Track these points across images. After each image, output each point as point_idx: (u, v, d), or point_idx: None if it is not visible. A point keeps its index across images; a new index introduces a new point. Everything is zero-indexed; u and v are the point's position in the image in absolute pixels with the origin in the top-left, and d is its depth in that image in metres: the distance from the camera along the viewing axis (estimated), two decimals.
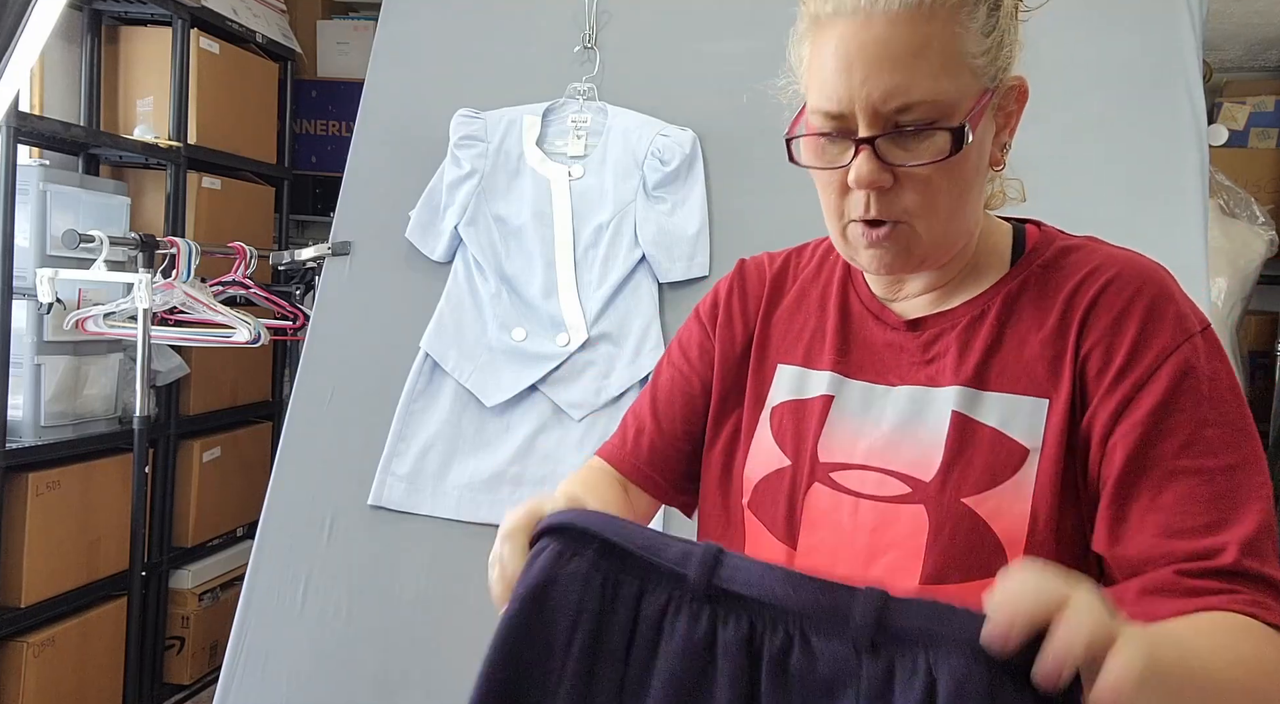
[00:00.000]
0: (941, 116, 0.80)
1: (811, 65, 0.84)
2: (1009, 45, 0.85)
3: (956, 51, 0.80)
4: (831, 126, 0.82)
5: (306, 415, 1.87)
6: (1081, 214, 1.73)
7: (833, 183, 0.85)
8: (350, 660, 1.74)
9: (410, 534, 1.79)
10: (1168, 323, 0.81)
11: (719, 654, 0.63)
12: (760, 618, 0.62)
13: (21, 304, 2.34)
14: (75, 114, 2.75)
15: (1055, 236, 0.92)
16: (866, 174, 0.81)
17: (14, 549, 2.34)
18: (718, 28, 1.92)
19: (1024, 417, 0.83)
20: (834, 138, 0.83)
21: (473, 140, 1.90)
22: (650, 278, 1.84)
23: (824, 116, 0.83)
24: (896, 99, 0.79)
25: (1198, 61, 1.75)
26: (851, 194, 0.83)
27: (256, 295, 2.63)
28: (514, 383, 1.82)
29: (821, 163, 0.85)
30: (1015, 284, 0.88)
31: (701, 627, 0.63)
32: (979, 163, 0.85)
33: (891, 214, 0.83)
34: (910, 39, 0.78)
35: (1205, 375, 0.80)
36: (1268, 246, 3.11)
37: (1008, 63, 0.85)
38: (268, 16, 3.29)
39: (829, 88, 0.81)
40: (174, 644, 2.91)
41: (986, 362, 0.86)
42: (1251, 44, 3.43)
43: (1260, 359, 3.49)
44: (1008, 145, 0.89)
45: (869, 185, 0.81)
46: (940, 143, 0.80)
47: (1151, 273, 0.85)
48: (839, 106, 0.81)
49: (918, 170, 0.81)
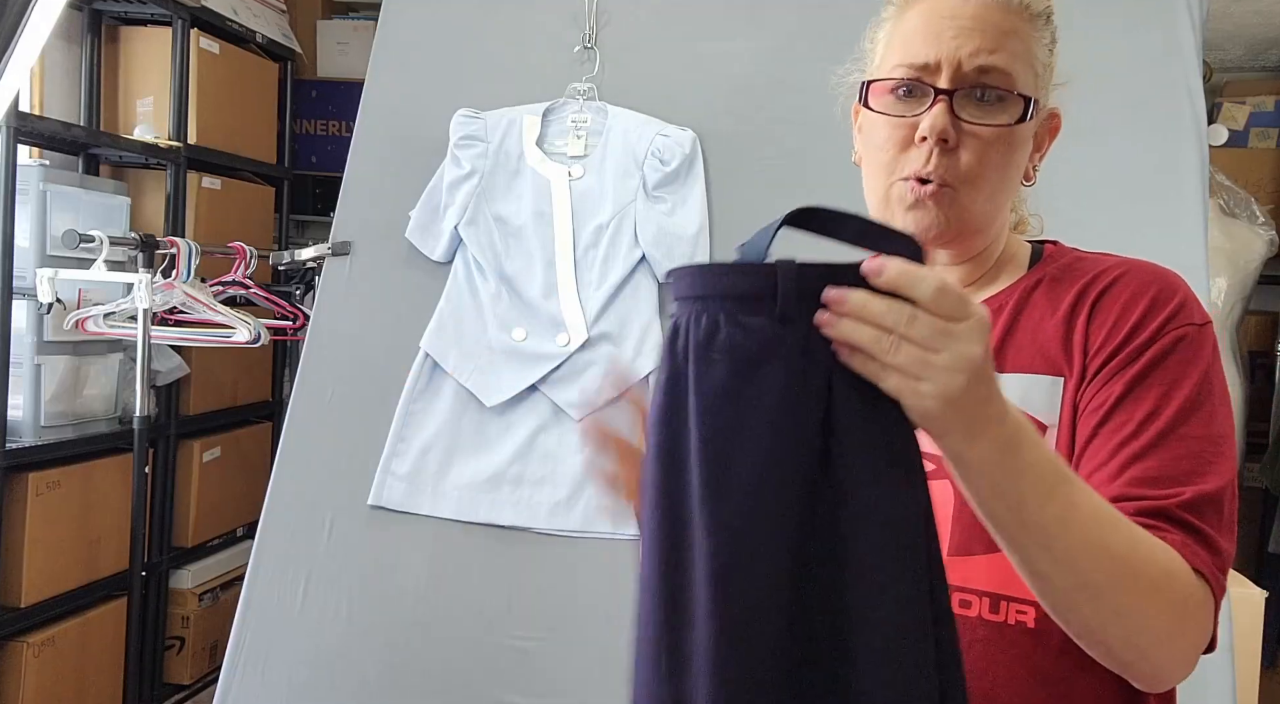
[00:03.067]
0: (1014, 90, 0.86)
1: (894, 37, 0.90)
2: (1052, 73, 0.93)
3: (1030, 50, 0.88)
4: (914, 76, 0.87)
5: (306, 415, 1.87)
6: (1082, 214, 1.74)
7: (894, 137, 0.88)
8: (350, 660, 1.74)
9: (410, 534, 1.79)
10: (1172, 308, 0.85)
11: (676, 354, 0.68)
12: (692, 312, 0.68)
13: (21, 304, 2.34)
14: (75, 114, 2.75)
15: (1071, 250, 0.97)
16: (941, 123, 0.85)
17: (14, 549, 2.34)
18: (718, 28, 1.92)
19: (1041, 394, 0.87)
20: (912, 90, 0.88)
21: (473, 140, 1.90)
22: (650, 278, 1.84)
23: (908, 68, 0.88)
24: (982, 57, 0.85)
25: (1198, 62, 1.75)
26: (911, 150, 0.87)
27: (256, 295, 2.63)
28: (514, 383, 1.82)
29: (895, 111, 0.89)
30: (1031, 281, 0.93)
31: (678, 338, 0.69)
32: (1022, 157, 0.90)
33: (947, 175, 0.86)
34: (1001, 22, 0.86)
35: (1204, 358, 0.84)
36: (1268, 246, 3.11)
37: (1049, 89, 0.92)
38: (268, 16, 3.29)
39: (917, 44, 0.87)
40: (174, 644, 2.91)
41: (1004, 346, 0.90)
42: (1251, 44, 3.43)
43: (1260, 359, 3.49)
44: (1038, 167, 0.95)
45: (940, 135, 0.85)
46: (1011, 110, 0.86)
47: (1165, 272, 0.89)
48: (926, 58, 0.86)
49: (981, 132, 0.86)
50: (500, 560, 1.76)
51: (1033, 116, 0.87)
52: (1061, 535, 0.70)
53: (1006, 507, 0.70)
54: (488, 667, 1.71)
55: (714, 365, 0.66)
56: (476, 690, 1.70)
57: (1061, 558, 0.71)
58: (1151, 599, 0.74)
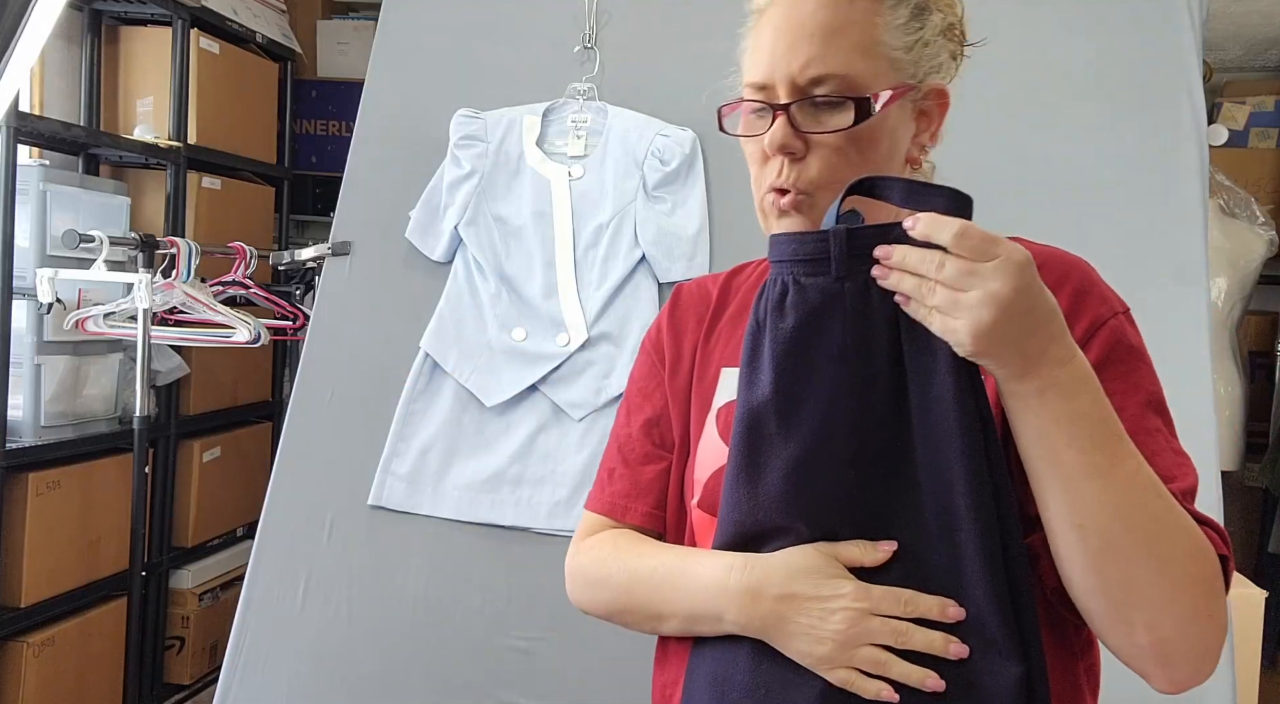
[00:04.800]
0: (852, 93, 0.86)
1: (747, 53, 0.93)
2: (937, 53, 0.92)
3: (874, 38, 0.88)
4: (758, 97, 0.90)
5: (306, 415, 1.87)
6: (1081, 214, 1.74)
7: (755, 153, 0.91)
8: (350, 660, 1.74)
9: (410, 534, 1.79)
10: (1094, 300, 0.87)
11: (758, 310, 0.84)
12: (771, 276, 0.83)
13: (21, 304, 2.34)
14: (75, 114, 2.75)
15: None
16: (779, 138, 0.87)
17: (14, 549, 2.34)
18: (718, 28, 1.91)
19: None
20: (759, 110, 0.90)
21: (473, 140, 1.90)
22: (650, 278, 1.84)
23: (753, 88, 0.90)
24: (812, 69, 0.86)
25: (1198, 61, 1.75)
26: (769, 163, 0.90)
27: (256, 295, 2.63)
28: (514, 383, 1.82)
29: (745, 131, 0.92)
30: None
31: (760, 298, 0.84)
32: (890, 151, 0.90)
33: (799, 184, 0.88)
34: (831, 18, 0.87)
35: (1135, 346, 0.87)
36: (1268, 246, 3.11)
37: (933, 67, 0.92)
38: (268, 16, 3.29)
39: (759, 63, 0.90)
40: (174, 644, 2.91)
41: None
42: (1251, 44, 3.43)
43: (1260, 359, 3.49)
44: (927, 147, 0.94)
45: (780, 149, 0.87)
46: (847, 112, 0.86)
47: (1076, 261, 0.91)
48: (764, 77, 0.89)
49: (825, 140, 0.87)
50: (500, 560, 1.76)
51: (874, 112, 0.86)
52: (1097, 491, 0.73)
53: (1048, 447, 0.74)
54: (488, 667, 1.71)
55: (784, 318, 0.80)
56: (476, 690, 1.70)
57: (1093, 513, 0.74)
58: (1181, 572, 0.75)
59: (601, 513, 1.03)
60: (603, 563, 0.98)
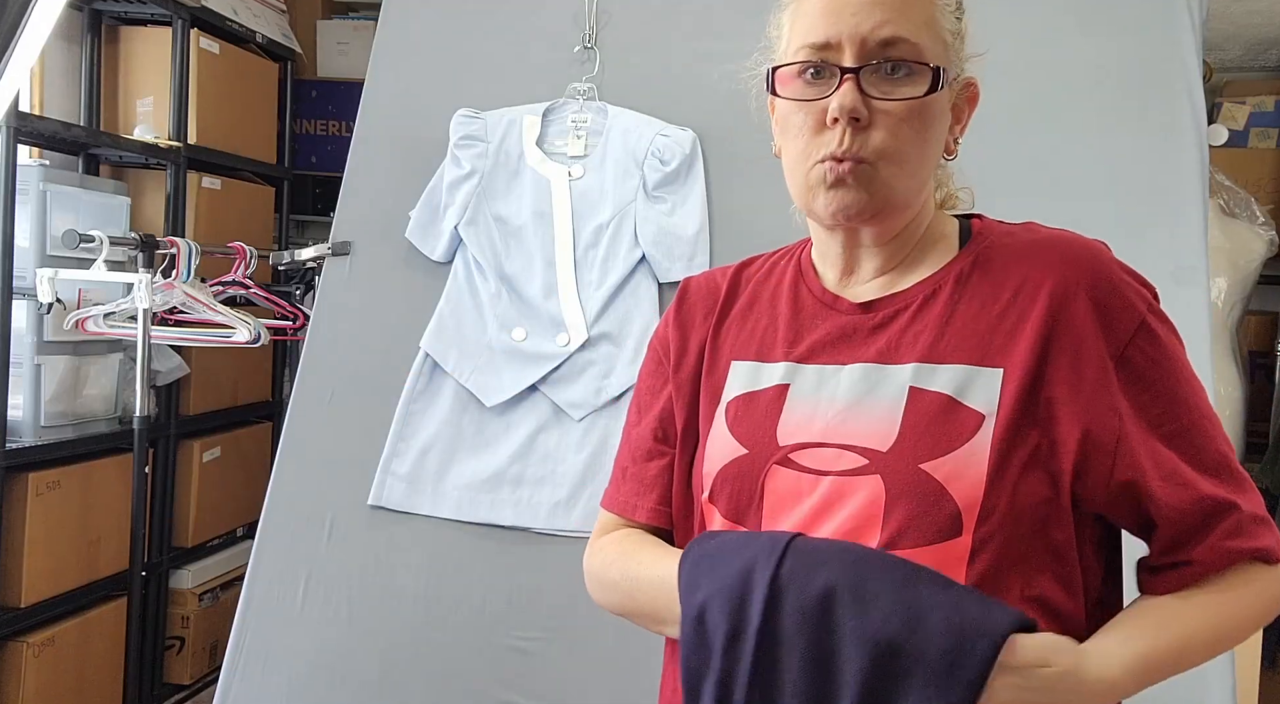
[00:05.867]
0: (922, 61, 0.85)
1: (796, 20, 0.89)
2: (966, 46, 0.92)
3: (934, 18, 0.87)
4: (818, 58, 0.86)
5: (306, 415, 1.87)
6: (1082, 214, 1.73)
7: (807, 122, 0.87)
8: (350, 660, 1.74)
9: (410, 534, 1.79)
10: (1116, 309, 0.86)
11: None
12: None
13: (21, 304, 2.34)
14: (75, 114, 2.75)
15: (998, 224, 0.96)
16: (850, 102, 0.84)
17: (14, 549, 2.34)
18: (718, 28, 1.91)
19: (979, 385, 0.85)
20: (819, 72, 0.86)
21: (473, 140, 1.90)
22: (650, 278, 1.84)
23: (811, 49, 0.86)
24: (885, 30, 0.84)
25: (1198, 62, 1.75)
26: (825, 132, 0.86)
27: (256, 295, 2.63)
28: (514, 383, 1.82)
29: (801, 96, 0.88)
30: (967, 262, 0.92)
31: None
32: (940, 130, 0.89)
33: (864, 152, 0.85)
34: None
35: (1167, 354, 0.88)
36: (1268, 246, 3.11)
37: (964, 60, 0.92)
38: (268, 16, 3.29)
39: (818, 24, 0.86)
40: (174, 644, 2.91)
41: (942, 335, 0.88)
42: (1251, 44, 3.43)
43: (1260, 359, 3.49)
44: (959, 140, 0.93)
45: (850, 113, 0.84)
46: (921, 82, 0.85)
47: (1088, 254, 0.89)
48: (826, 36, 0.85)
49: (892, 108, 0.84)
50: (500, 560, 1.76)
51: (945, 86, 0.86)
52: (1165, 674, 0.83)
53: None
54: (488, 667, 1.71)
55: None
56: (476, 690, 1.70)
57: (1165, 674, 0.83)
58: (1244, 634, 0.86)
59: (614, 512, 1.04)
60: (609, 567, 0.99)
